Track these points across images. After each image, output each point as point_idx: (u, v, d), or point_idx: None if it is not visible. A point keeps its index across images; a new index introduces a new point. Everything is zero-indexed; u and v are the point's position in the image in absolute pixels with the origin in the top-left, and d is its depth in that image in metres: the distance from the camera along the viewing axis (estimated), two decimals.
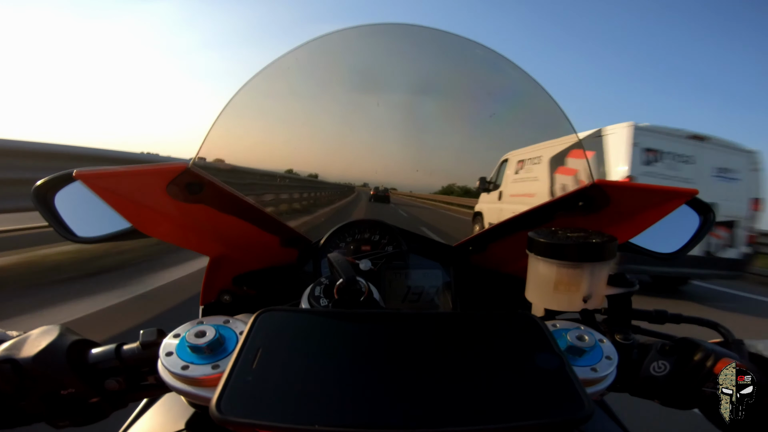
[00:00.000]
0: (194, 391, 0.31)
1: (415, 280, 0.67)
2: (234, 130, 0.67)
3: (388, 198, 1.09)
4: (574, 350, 0.35)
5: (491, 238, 0.63)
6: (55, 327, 0.36)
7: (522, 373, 0.27)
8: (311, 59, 0.71)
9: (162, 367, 0.32)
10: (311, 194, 2.67)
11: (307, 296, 0.44)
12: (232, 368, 0.26)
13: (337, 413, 0.23)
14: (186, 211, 0.48)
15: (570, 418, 0.24)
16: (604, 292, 0.44)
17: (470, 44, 0.71)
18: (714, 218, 0.59)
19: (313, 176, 0.90)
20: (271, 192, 2.31)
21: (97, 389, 0.35)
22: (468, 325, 0.32)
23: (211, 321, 0.35)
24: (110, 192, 0.42)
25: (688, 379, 0.37)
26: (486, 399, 0.25)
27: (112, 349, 0.36)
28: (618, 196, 0.46)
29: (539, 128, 0.77)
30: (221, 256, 0.59)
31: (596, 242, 0.42)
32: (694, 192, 0.43)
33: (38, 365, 0.33)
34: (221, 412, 0.23)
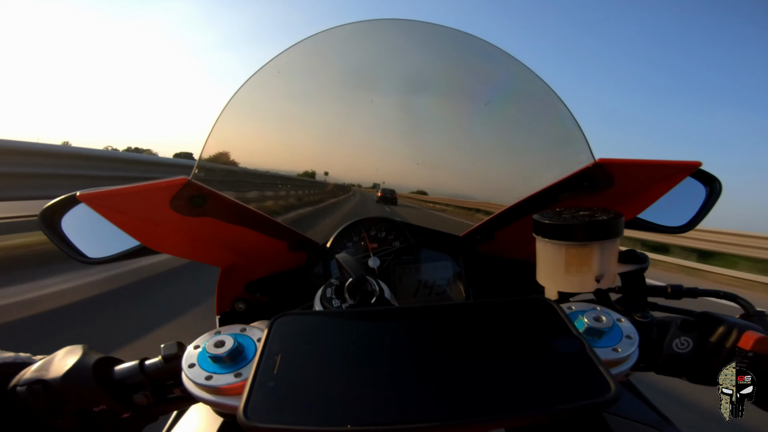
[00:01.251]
0: (220, 401, 0.31)
1: (425, 273, 0.67)
2: (232, 134, 0.67)
3: (396, 200, 1.09)
4: (593, 332, 0.35)
5: (498, 225, 0.63)
6: (78, 347, 0.37)
7: (544, 359, 0.27)
8: (306, 58, 0.70)
9: (186, 379, 0.32)
10: (311, 194, 2.67)
11: (319, 298, 0.44)
12: (254, 375, 0.26)
13: (364, 412, 0.23)
14: (192, 224, 0.48)
15: (598, 401, 0.24)
16: (616, 270, 0.43)
17: (468, 38, 0.71)
18: (720, 188, 0.59)
19: (309, 175, 0.89)
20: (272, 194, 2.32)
21: (126, 404, 0.36)
22: (483, 314, 0.32)
23: (228, 330, 0.36)
24: (114, 211, 0.42)
25: (714, 354, 0.36)
26: (512, 388, 0.25)
27: (136, 365, 0.37)
28: (621, 173, 0.46)
29: (543, 125, 0.76)
30: (231, 265, 0.60)
31: (603, 219, 0.41)
32: (697, 164, 0.43)
33: (67, 383, 0.34)
34: (249, 419, 0.23)
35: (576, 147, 0.64)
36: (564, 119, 0.67)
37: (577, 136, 0.65)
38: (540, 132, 0.80)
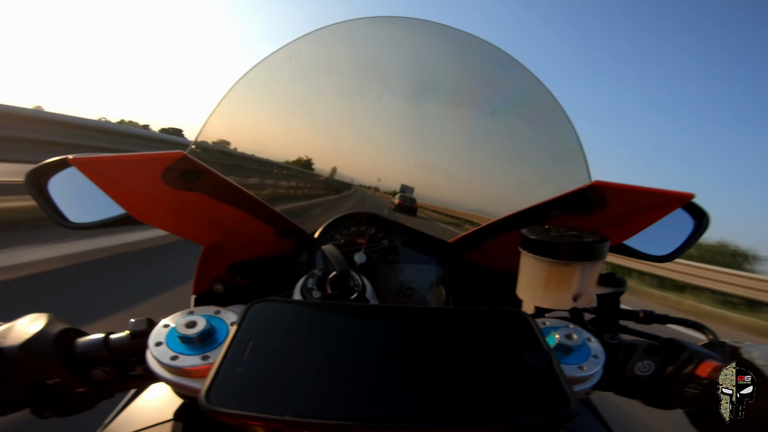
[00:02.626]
0: (183, 382, 0.31)
1: (410, 274, 0.67)
2: (234, 117, 0.66)
3: (416, 210, 0.93)
4: (563, 348, 0.36)
5: (487, 235, 0.64)
6: (43, 315, 0.36)
7: (510, 370, 0.27)
8: (317, 49, 0.70)
9: (151, 357, 0.32)
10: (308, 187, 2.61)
11: (300, 288, 0.44)
12: (222, 359, 0.26)
13: (324, 406, 0.23)
14: (181, 198, 0.48)
15: (555, 416, 0.24)
16: (594, 292, 0.44)
17: (481, 43, 0.70)
18: (708, 222, 0.59)
19: (306, 166, 0.87)
20: (267, 181, 2.27)
21: (83, 379, 0.35)
22: (458, 320, 0.32)
23: (202, 311, 0.35)
24: (105, 178, 0.41)
25: (672, 379, 0.38)
26: (473, 395, 0.25)
27: (101, 339, 0.36)
28: (615, 197, 0.46)
29: (544, 131, 0.76)
30: (216, 244, 0.59)
31: (588, 241, 0.42)
32: (691, 196, 0.44)
33: (24, 354, 0.32)
34: (210, 403, 0.23)
35: (574, 166, 0.65)
36: (567, 136, 0.68)
37: (577, 155, 0.65)
38: (541, 147, 0.80)
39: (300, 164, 0.90)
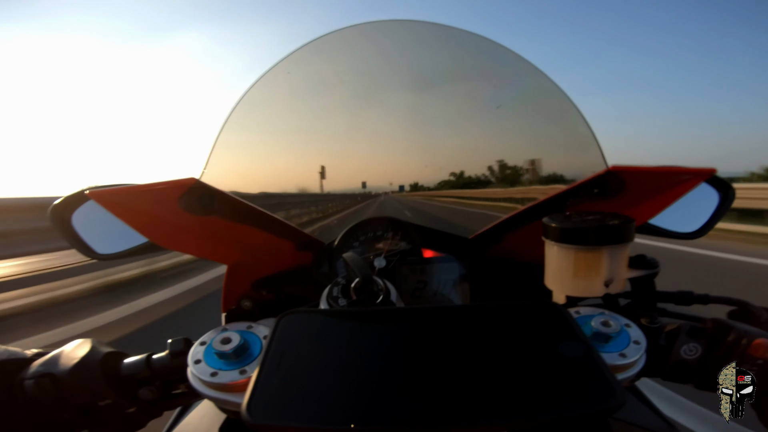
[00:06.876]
0: (224, 397, 0.32)
1: (431, 274, 0.66)
2: (237, 145, 0.67)
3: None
4: (600, 336, 0.34)
5: (507, 228, 0.63)
6: (87, 341, 0.38)
7: (549, 363, 0.27)
8: (314, 59, 0.70)
9: (191, 375, 0.33)
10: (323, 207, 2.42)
11: (325, 297, 0.44)
12: (259, 372, 0.26)
13: (369, 411, 0.23)
14: (200, 222, 0.49)
15: (602, 406, 0.24)
16: (625, 275, 0.43)
17: (478, 40, 0.70)
18: (734, 194, 0.58)
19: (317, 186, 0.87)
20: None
21: (131, 399, 0.36)
22: (490, 317, 0.32)
23: (234, 327, 0.36)
24: (124, 208, 0.43)
25: (723, 361, 0.36)
26: (516, 391, 0.25)
27: (143, 360, 0.37)
28: (634, 180, 0.45)
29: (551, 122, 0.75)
30: (238, 263, 0.60)
31: (613, 224, 0.41)
32: (712, 171, 0.42)
33: (74, 378, 0.34)
34: (252, 417, 0.23)
35: (588, 153, 0.64)
36: (577, 124, 0.67)
37: (590, 142, 0.64)
38: (552, 137, 0.80)
39: (306, 189, 0.90)
